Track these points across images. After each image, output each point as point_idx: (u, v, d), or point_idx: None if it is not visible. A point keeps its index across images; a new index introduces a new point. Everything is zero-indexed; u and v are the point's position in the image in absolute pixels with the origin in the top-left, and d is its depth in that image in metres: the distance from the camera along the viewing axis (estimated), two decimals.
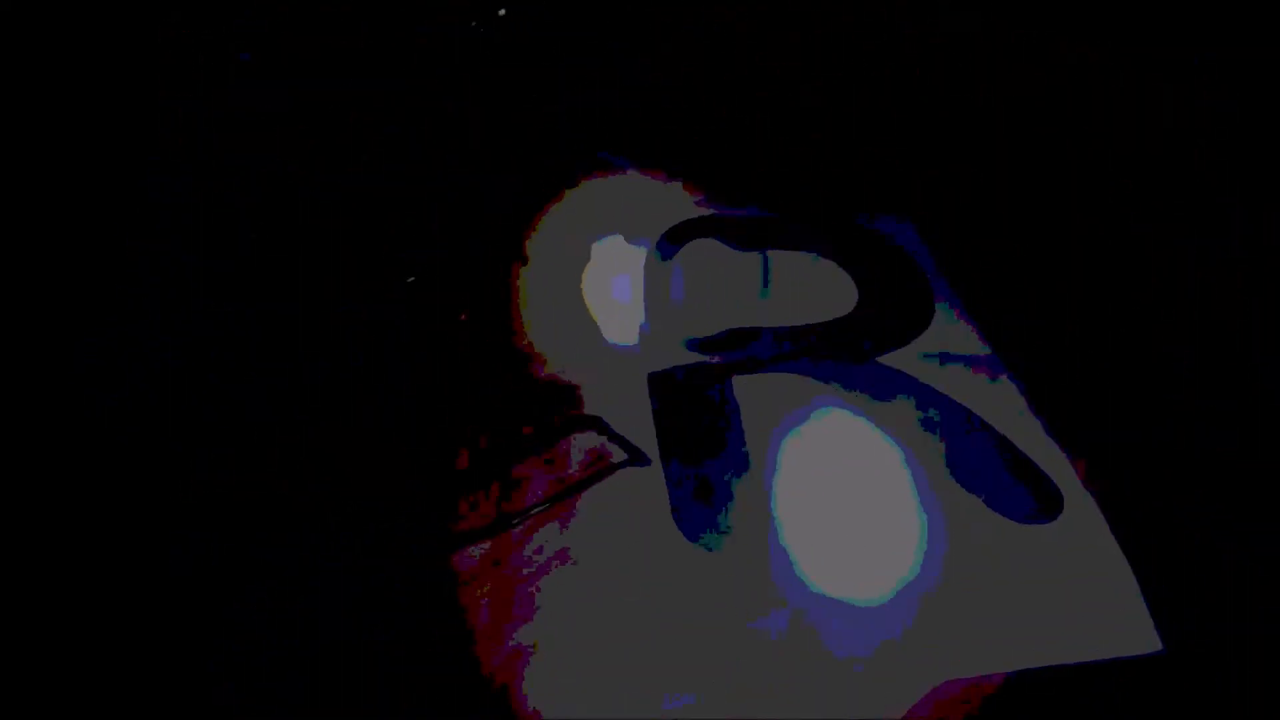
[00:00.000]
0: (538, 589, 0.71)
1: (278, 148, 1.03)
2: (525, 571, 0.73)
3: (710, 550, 0.67)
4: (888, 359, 0.83)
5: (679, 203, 1.07)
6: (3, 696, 0.69)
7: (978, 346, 0.87)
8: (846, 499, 0.71)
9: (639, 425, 0.77)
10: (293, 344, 0.99)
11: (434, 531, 0.81)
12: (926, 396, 0.79)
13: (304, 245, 1.05)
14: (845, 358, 0.82)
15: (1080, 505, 0.72)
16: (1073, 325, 0.97)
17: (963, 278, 1.03)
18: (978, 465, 0.73)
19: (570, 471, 0.75)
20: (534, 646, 0.67)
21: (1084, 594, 0.65)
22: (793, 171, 1.19)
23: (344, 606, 0.75)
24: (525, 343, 0.94)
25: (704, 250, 0.96)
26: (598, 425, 0.78)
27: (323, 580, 0.77)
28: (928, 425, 0.76)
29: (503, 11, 0.92)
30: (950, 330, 0.88)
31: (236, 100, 0.99)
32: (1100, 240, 1.04)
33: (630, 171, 1.09)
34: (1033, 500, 0.71)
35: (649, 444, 0.75)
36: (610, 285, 0.99)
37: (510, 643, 0.68)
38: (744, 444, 0.74)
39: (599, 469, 0.74)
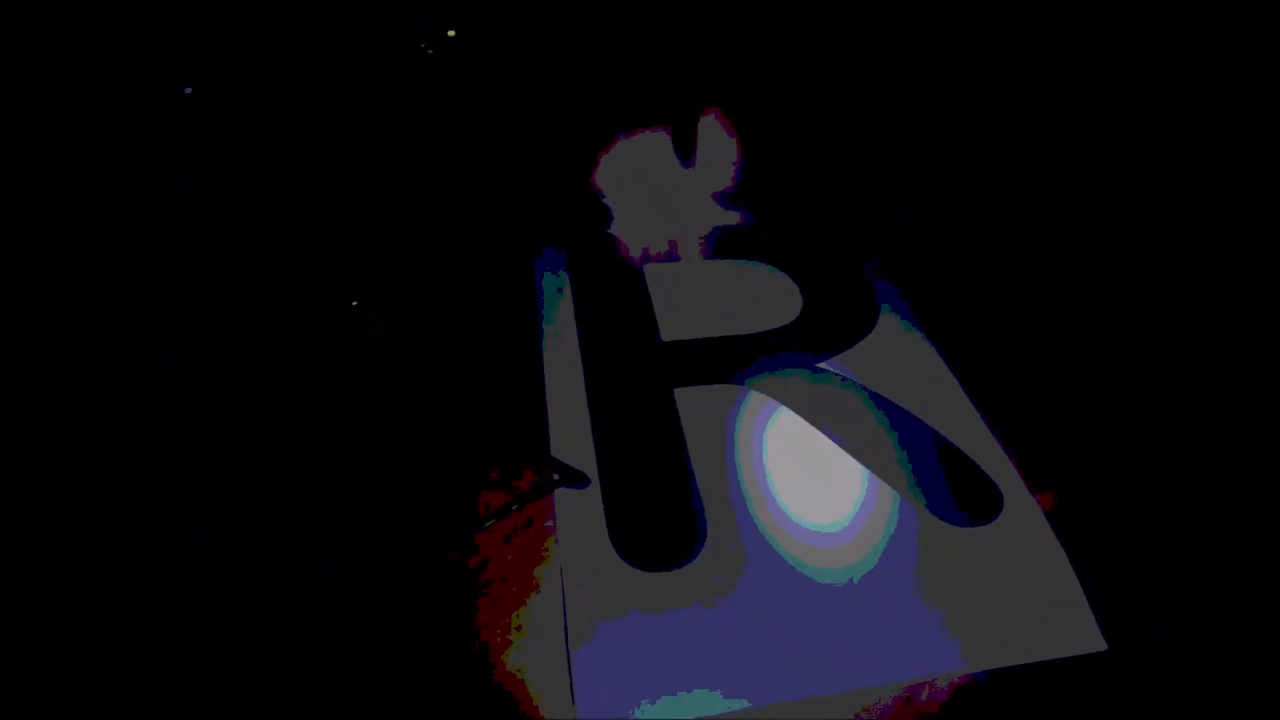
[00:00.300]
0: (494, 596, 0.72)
1: (278, 148, 1.03)
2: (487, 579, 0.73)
3: (653, 570, 0.67)
4: (831, 364, 0.83)
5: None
6: (3, 696, 0.69)
7: (924, 347, 0.87)
8: (790, 503, 0.71)
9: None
10: (293, 344, 0.99)
11: (433, 532, 0.81)
12: (870, 400, 0.79)
13: (304, 245, 1.05)
14: (789, 364, 0.82)
15: (1022, 506, 0.71)
16: (1073, 325, 0.97)
17: (963, 276, 1.04)
18: (920, 467, 0.73)
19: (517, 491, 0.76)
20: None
21: (1027, 596, 0.64)
22: (792, 171, 1.19)
23: (344, 606, 0.75)
24: None
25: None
26: (541, 454, 0.78)
27: (323, 580, 0.77)
28: (870, 429, 0.76)
29: (452, 33, 0.91)
30: (896, 332, 0.88)
31: (236, 100, 0.99)
32: (1100, 240, 1.04)
33: None
34: (974, 501, 0.71)
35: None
36: None
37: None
38: (688, 457, 0.74)
39: (538, 487, 0.75)
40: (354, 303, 0.90)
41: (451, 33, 0.90)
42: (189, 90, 0.87)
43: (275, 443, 0.90)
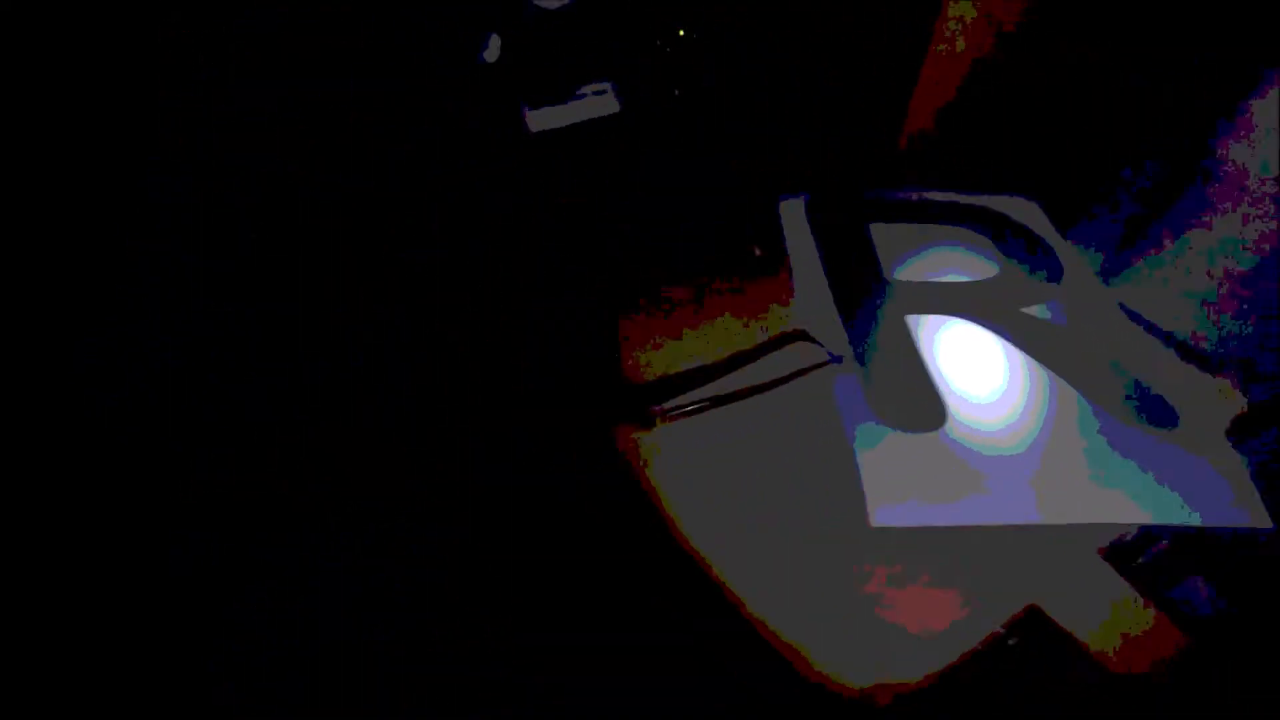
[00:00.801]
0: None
1: (278, 148, 1.03)
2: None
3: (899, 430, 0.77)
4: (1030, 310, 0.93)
5: None
6: (3, 696, 0.69)
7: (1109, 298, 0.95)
8: (994, 395, 0.82)
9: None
10: (293, 344, 0.99)
11: (433, 532, 0.81)
12: (1062, 329, 0.89)
13: (304, 245, 1.05)
14: (998, 308, 0.92)
15: (1207, 419, 0.78)
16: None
17: None
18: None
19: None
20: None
21: (1205, 474, 0.72)
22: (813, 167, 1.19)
23: (344, 606, 0.75)
24: None
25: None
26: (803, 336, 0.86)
27: (323, 580, 0.77)
28: (1071, 357, 0.86)
29: (676, 93, 1.06)
30: (1083, 285, 0.97)
31: (236, 100, 0.99)
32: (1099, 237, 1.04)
33: None
34: (1156, 410, 0.79)
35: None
36: None
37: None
38: (923, 355, 0.85)
39: (805, 368, 0.82)
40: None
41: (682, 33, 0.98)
42: None
43: (275, 443, 0.90)
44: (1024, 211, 1.08)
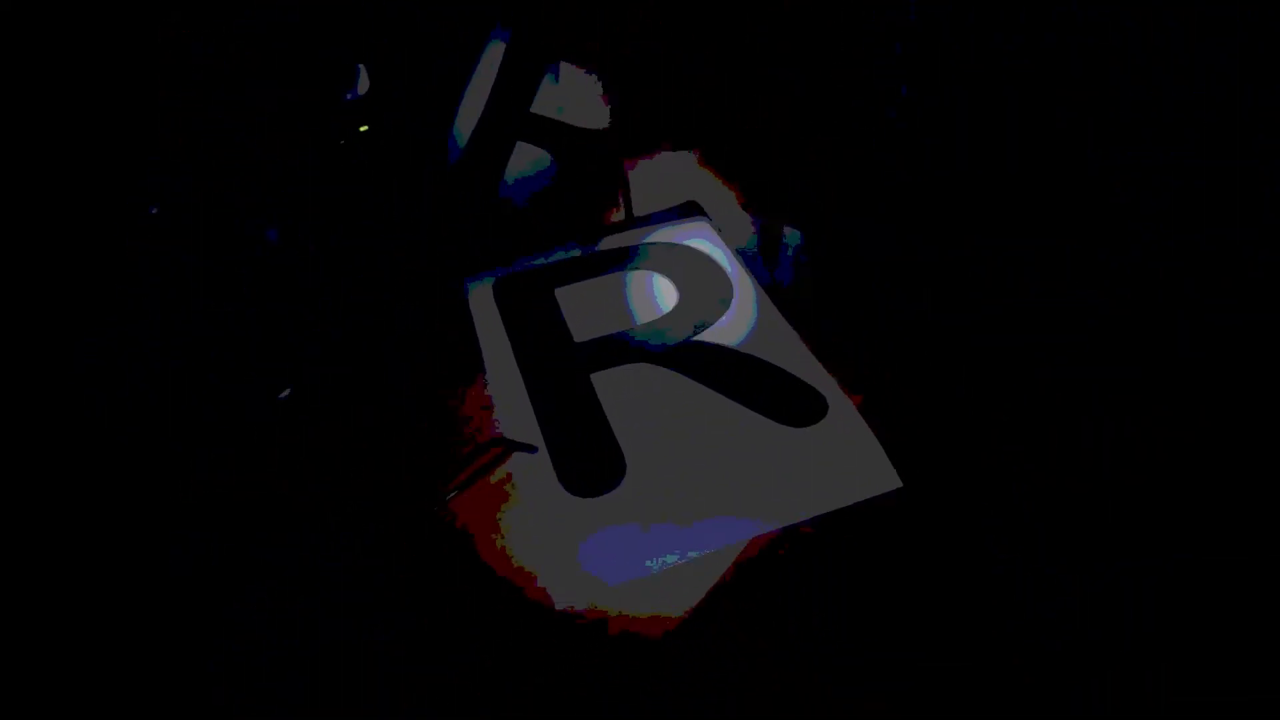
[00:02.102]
0: None
1: (278, 148, 1.03)
2: None
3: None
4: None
5: None
6: (3, 696, 0.69)
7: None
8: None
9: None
10: (293, 344, 0.99)
11: (433, 532, 0.81)
12: (728, 350, 0.93)
13: (304, 245, 1.05)
14: (673, 341, 0.96)
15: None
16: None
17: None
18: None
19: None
20: None
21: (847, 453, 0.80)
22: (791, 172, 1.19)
23: (344, 606, 0.75)
24: None
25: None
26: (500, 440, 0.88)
27: (323, 580, 0.77)
28: (736, 374, 0.90)
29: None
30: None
31: (236, 100, 0.99)
32: (1101, 239, 1.04)
33: None
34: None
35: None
36: None
37: None
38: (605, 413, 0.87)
39: (495, 453, 0.85)
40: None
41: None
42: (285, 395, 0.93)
43: (275, 443, 0.90)
44: (697, 232, 1.11)
